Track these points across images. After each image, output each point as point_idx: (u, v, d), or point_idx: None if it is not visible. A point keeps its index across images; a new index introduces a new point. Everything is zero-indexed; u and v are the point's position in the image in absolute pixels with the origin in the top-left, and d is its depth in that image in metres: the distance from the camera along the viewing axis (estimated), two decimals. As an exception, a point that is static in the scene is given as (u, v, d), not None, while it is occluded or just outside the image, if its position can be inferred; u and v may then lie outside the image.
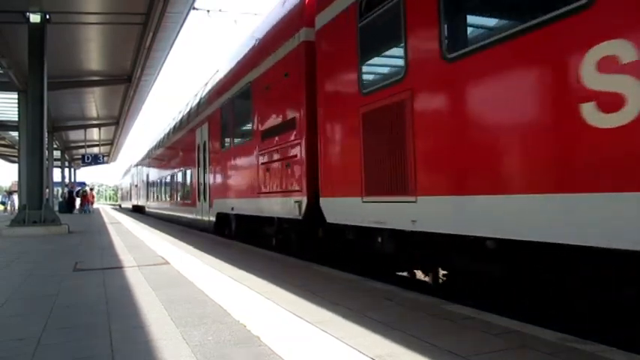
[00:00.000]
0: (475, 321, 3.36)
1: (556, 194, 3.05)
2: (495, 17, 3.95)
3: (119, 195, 65.34)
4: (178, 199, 18.08)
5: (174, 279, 5.44)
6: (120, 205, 56.55)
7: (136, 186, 35.07)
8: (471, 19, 4.22)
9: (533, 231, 3.24)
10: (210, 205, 12.30)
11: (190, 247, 8.81)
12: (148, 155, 27.92)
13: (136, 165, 34.91)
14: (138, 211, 33.09)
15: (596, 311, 3.38)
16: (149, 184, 27.70)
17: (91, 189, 45.37)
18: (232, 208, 10.24)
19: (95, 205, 42.50)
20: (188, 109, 16.52)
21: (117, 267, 6.44)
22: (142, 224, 17.59)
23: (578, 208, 2.90)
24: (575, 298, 3.59)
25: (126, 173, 48.02)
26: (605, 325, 3.28)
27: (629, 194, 2.63)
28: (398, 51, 4.79)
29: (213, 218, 12.06)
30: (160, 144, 23.35)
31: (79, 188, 37.63)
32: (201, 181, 13.36)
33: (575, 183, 2.94)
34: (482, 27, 4.15)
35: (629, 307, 3.14)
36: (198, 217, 13.96)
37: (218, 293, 4.52)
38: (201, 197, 13.42)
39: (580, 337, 2.93)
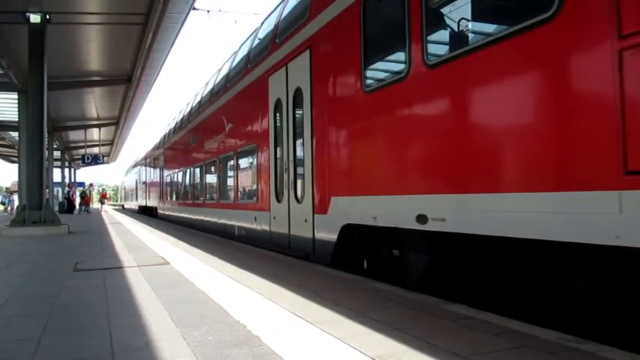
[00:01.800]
0: (475, 321, 3.36)
1: None
2: None
3: (121, 195, 62.35)
4: (222, 197, 12.23)
5: (174, 279, 5.44)
6: (123, 206, 52.07)
7: (144, 183, 29.38)
8: None
9: None
10: (317, 209, 6.54)
11: (190, 247, 8.80)
12: (165, 142, 21.37)
13: (145, 158, 28.75)
14: (146, 214, 27.25)
15: (597, 311, 3.37)
16: (166, 179, 20.91)
17: (104, 189, 45.55)
18: (422, 219, 4.40)
19: (96, 205, 42.12)
20: (244, 55, 10.61)
21: (117, 267, 6.44)
22: (142, 224, 17.58)
23: None
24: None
25: (131, 169, 41.81)
26: (606, 325, 3.27)
27: None
28: None
29: (330, 235, 6.18)
30: (185, 122, 16.92)
31: (82, 189, 37.76)
32: (285, 164, 7.70)
33: None
34: None
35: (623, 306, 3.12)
36: (277, 231, 8.01)
37: (218, 293, 4.52)
38: (285, 194, 7.71)
39: (580, 337, 2.93)
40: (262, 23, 9.75)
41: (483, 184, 3.80)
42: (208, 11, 16.46)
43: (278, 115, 8.10)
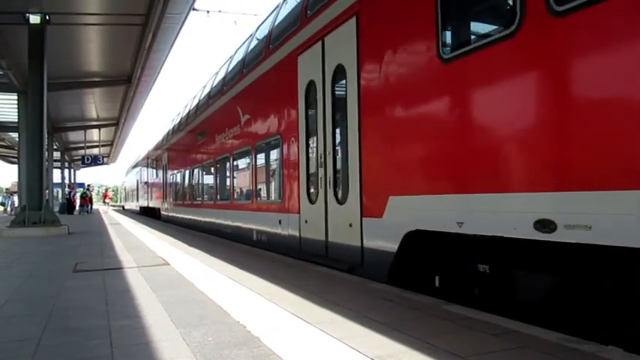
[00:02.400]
0: (475, 321, 3.36)
1: None
2: None
3: (122, 195, 61.54)
4: (237, 197, 11.17)
5: (174, 280, 5.44)
6: (123, 207, 50.79)
7: (146, 183, 28.43)
8: None
9: None
10: (368, 211, 5.39)
11: (190, 248, 8.80)
12: (169, 139, 20.29)
13: (147, 157, 27.77)
14: (148, 215, 26.24)
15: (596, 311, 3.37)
16: (170, 179, 19.68)
17: (107, 189, 45.51)
18: (547, 225, 3.26)
19: (94, 206, 41.82)
20: (263, 36, 9.35)
21: (117, 268, 6.44)
22: (142, 225, 17.57)
23: None
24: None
25: (132, 169, 40.71)
26: (605, 325, 3.27)
27: None
28: None
29: (387, 244, 5.00)
30: (191, 117, 15.89)
31: (83, 190, 37.79)
32: (321, 158, 6.52)
33: None
34: None
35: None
36: (310, 237, 6.86)
37: (218, 294, 4.52)
38: (320, 193, 6.56)
39: (580, 337, 2.93)
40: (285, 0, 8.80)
41: None
42: (208, 12, 16.52)
43: (310, 99, 6.95)
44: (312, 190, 6.99)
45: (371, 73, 5.41)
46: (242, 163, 10.77)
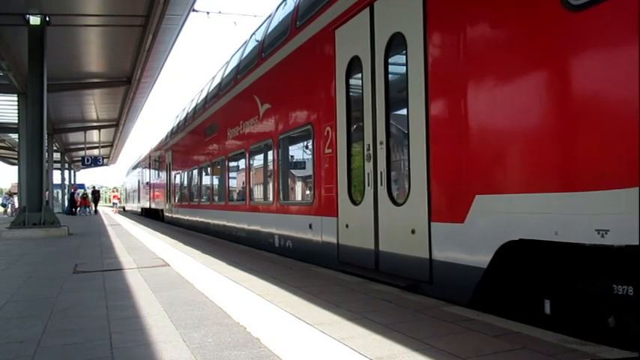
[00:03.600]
0: (475, 322, 3.36)
1: None
2: None
3: (122, 196, 60.99)
4: (254, 197, 10.07)
5: (174, 281, 5.44)
6: (124, 208, 49.68)
7: (148, 183, 27.46)
8: None
9: None
10: (440, 214, 4.35)
11: (190, 249, 8.80)
12: (174, 137, 19.20)
13: (150, 156, 26.67)
14: (151, 217, 25.41)
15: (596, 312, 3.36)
16: (175, 179, 18.62)
17: (114, 189, 45.23)
18: None
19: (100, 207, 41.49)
20: (287, 13, 8.40)
21: (117, 269, 6.44)
22: (142, 226, 17.56)
23: None
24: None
25: (133, 169, 39.36)
26: (605, 326, 3.27)
27: None
28: None
29: (471, 257, 3.93)
30: (199, 111, 14.89)
31: (83, 191, 37.86)
32: (368, 149, 5.45)
33: None
34: None
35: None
36: (352, 245, 5.81)
37: (218, 295, 4.52)
38: (368, 192, 5.47)
39: (580, 338, 2.93)
40: None
41: None
42: (208, 13, 16.46)
43: (352, 80, 5.94)
44: (354, 188, 5.90)
45: (446, 35, 4.32)
46: (261, 158, 9.58)
